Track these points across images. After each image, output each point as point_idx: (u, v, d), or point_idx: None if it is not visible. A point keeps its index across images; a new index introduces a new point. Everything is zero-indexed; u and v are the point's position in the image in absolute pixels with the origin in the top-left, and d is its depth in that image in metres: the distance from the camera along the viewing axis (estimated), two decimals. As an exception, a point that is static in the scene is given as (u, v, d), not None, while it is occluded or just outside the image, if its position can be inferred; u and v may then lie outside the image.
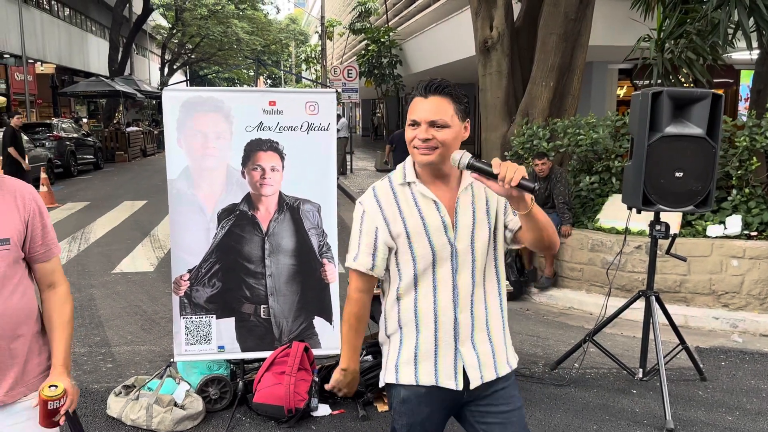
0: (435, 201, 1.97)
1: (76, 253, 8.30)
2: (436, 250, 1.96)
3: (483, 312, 2.02)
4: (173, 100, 3.67)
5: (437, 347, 1.99)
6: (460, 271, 1.98)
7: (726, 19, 6.34)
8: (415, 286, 2.00)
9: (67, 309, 2.04)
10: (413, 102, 1.96)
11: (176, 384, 3.77)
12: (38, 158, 14.98)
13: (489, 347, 2.03)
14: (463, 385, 1.99)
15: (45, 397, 1.84)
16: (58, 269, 2.05)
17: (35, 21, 24.96)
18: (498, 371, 2.03)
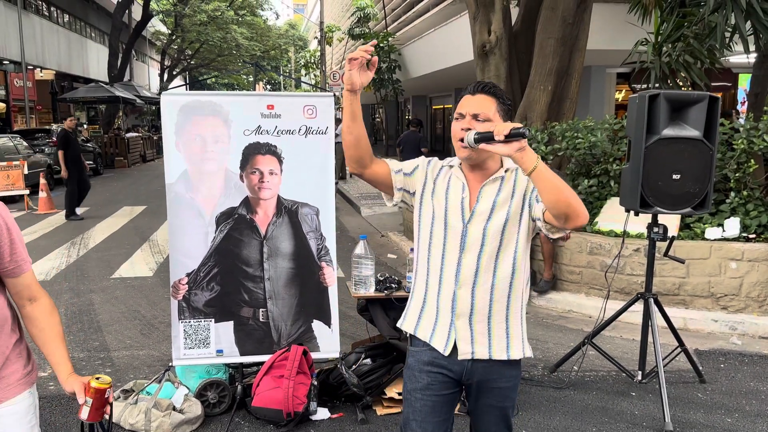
0: (463, 183, 2.17)
1: (75, 258, 8.30)
2: (448, 224, 2.15)
3: (487, 296, 2.12)
4: (172, 104, 3.68)
5: (438, 314, 2.17)
6: (467, 251, 2.12)
7: (723, 22, 6.36)
8: (428, 255, 2.18)
9: (57, 319, 2.03)
10: (462, 99, 2.16)
11: (175, 388, 3.76)
12: (37, 164, 15.01)
13: (486, 329, 2.14)
14: (450, 352, 2.15)
15: (100, 386, 1.91)
16: (34, 283, 2.00)
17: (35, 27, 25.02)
18: (492, 353, 2.14)
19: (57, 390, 4.25)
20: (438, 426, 2.20)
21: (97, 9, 34.38)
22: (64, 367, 1.97)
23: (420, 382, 2.19)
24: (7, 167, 12.99)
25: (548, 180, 1.90)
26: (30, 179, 13.54)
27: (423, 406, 2.18)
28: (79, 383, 1.94)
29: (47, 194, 12.47)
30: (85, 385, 1.93)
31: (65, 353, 2.00)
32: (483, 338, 2.13)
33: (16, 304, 1.99)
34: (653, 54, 7.27)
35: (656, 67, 7.15)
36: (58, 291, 6.75)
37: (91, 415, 1.92)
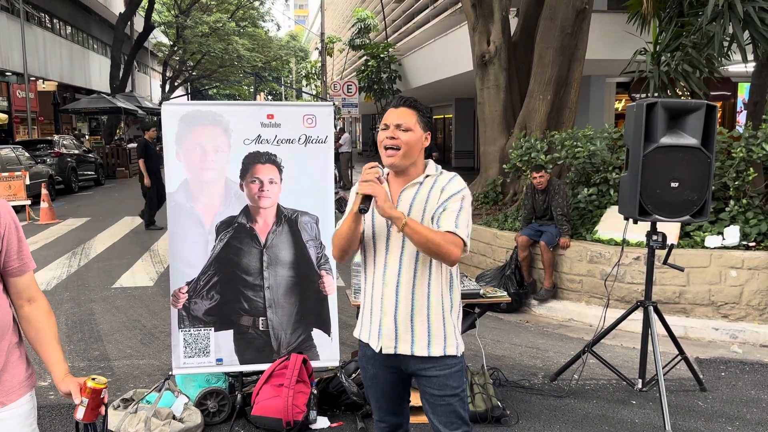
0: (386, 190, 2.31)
1: (76, 268, 8.31)
2: (375, 231, 2.36)
3: (409, 294, 2.32)
4: (172, 113, 3.70)
5: (371, 313, 2.40)
6: (390, 253, 2.34)
7: (721, 32, 6.40)
8: (364, 259, 2.43)
9: (54, 321, 2.05)
10: (387, 112, 2.37)
11: (175, 397, 3.76)
12: (39, 175, 15.04)
13: (409, 327, 2.33)
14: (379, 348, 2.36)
15: (96, 386, 1.92)
16: (34, 284, 2.04)
17: (37, 39, 25.16)
18: (414, 350, 2.33)
19: (57, 399, 4.25)
20: (393, 402, 2.50)
21: (100, 21, 34.58)
22: (60, 368, 1.98)
23: (368, 372, 2.47)
24: (9, 178, 13.03)
25: (416, 233, 2.18)
26: (32, 190, 13.57)
27: (375, 391, 2.49)
28: (75, 383, 1.95)
29: (49, 204, 12.49)
30: (80, 386, 1.94)
31: (61, 355, 2.02)
32: (406, 335, 2.33)
33: (14, 305, 2.00)
34: (652, 63, 7.31)
35: (655, 77, 7.18)
36: (59, 301, 6.75)
37: (87, 415, 1.94)
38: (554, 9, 7.97)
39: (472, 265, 7.57)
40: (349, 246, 2.33)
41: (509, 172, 7.89)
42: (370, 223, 2.36)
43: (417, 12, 23.77)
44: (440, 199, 2.29)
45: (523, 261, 6.59)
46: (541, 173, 6.46)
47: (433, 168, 2.38)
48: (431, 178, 2.35)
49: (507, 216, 7.69)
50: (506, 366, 4.78)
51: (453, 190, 2.30)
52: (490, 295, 3.91)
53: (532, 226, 6.66)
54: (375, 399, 2.52)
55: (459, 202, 2.27)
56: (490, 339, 5.52)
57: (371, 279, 2.40)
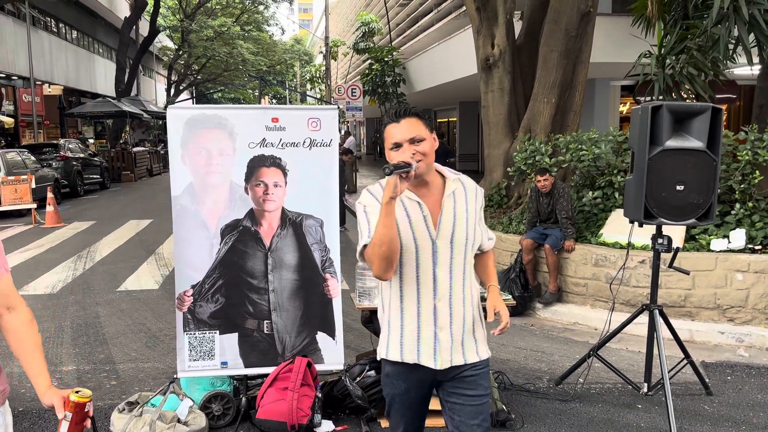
0: (419, 202, 2.26)
1: (81, 271, 8.34)
2: (418, 244, 2.24)
3: (460, 304, 2.29)
4: (177, 117, 3.72)
5: (419, 331, 2.28)
6: (440, 265, 2.26)
7: (726, 34, 6.39)
8: (401, 276, 2.28)
9: (35, 329, 1.97)
10: (388, 129, 2.27)
11: (179, 400, 3.77)
12: (45, 178, 15.10)
13: (461, 336, 2.30)
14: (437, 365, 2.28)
15: (80, 400, 1.85)
16: (11, 291, 1.95)
17: (43, 43, 25.29)
18: (466, 358, 2.31)
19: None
20: (419, 417, 2.44)
21: (105, 25, 34.74)
22: (42, 380, 1.91)
23: (398, 389, 2.35)
24: (15, 181, 13.09)
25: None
26: (37, 193, 13.63)
27: (403, 408, 2.39)
28: (59, 397, 1.87)
29: (54, 208, 12.54)
30: (64, 399, 1.86)
31: (43, 365, 1.94)
32: (459, 346, 2.29)
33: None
34: (657, 66, 7.30)
35: (660, 80, 7.17)
36: (65, 304, 6.77)
37: (71, 431, 1.86)
38: (559, 12, 7.97)
39: (477, 269, 7.55)
40: (394, 251, 2.16)
41: (514, 176, 7.88)
42: (410, 234, 2.24)
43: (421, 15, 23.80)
44: (476, 205, 2.33)
45: (528, 264, 6.57)
46: (546, 176, 6.45)
47: (447, 171, 2.35)
48: (456, 182, 2.32)
49: (511, 219, 7.68)
50: (511, 370, 4.77)
51: (481, 193, 2.37)
52: (495, 298, 3.89)
53: (536, 229, 6.65)
54: (401, 415, 2.41)
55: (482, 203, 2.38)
56: (495, 342, 5.50)
57: (413, 295, 2.27)
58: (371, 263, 2.20)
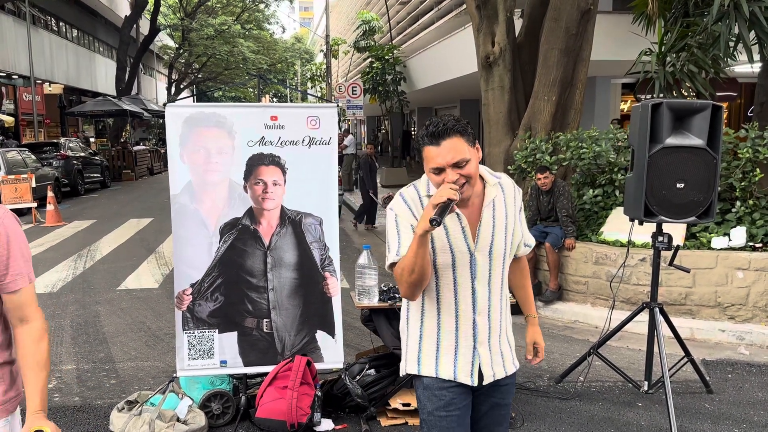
0: (457, 213, 2.08)
1: (81, 270, 8.33)
2: (456, 257, 2.11)
3: (498, 316, 2.20)
4: (176, 115, 3.71)
5: (457, 346, 2.16)
6: (479, 278, 2.14)
7: (726, 31, 6.37)
8: (437, 289, 2.15)
9: (43, 347, 1.88)
10: (427, 151, 2.04)
11: (179, 399, 3.76)
12: (45, 177, 15.10)
13: (499, 348, 2.21)
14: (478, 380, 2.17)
15: None
16: (29, 303, 1.87)
17: (44, 42, 25.28)
18: (506, 369, 2.23)
19: (62, 401, 4.26)
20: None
21: (105, 24, 34.73)
22: (31, 403, 1.83)
23: (442, 400, 2.17)
24: (15, 180, 13.09)
25: None
26: (38, 192, 13.62)
27: (450, 423, 2.18)
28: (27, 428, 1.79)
29: (55, 207, 12.54)
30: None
31: (38, 386, 1.85)
32: (499, 358, 2.21)
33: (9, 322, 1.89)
34: (657, 64, 7.28)
35: (660, 77, 7.15)
36: (65, 303, 6.77)
37: None
38: (559, 10, 7.94)
39: (477, 267, 7.54)
40: (425, 278, 2.03)
41: (514, 174, 7.86)
42: (447, 247, 2.10)
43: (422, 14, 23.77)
44: (516, 208, 2.21)
45: (528, 262, 6.56)
46: (546, 174, 6.44)
47: (487, 173, 2.18)
48: (496, 187, 2.17)
49: (512, 217, 7.66)
50: (511, 368, 4.76)
51: (520, 194, 2.25)
52: (495, 296, 3.88)
53: (536, 227, 6.64)
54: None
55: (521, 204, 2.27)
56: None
57: (451, 309, 2.14)
58: (399, 284, 2.08)
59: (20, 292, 1.85)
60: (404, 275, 2.03)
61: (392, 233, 2.13)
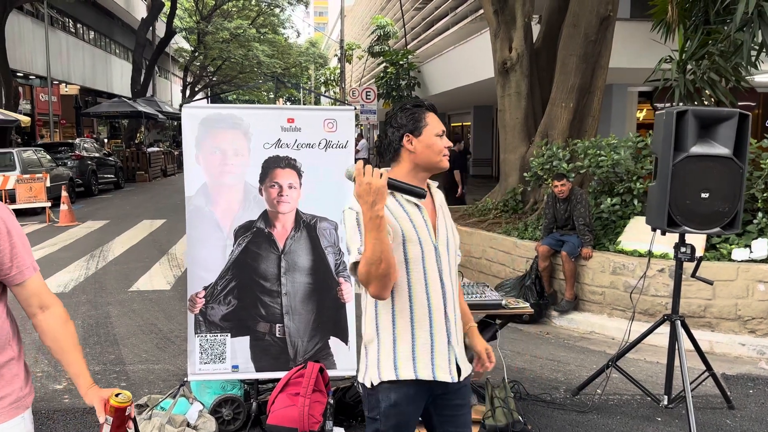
0: (418, 205, 2.14)
1: (93, 270, 8.33)
2: (424, 249, 2.11)
3: (458, 311, 2.23)
4: (192, 117, 3.67)
5: (433, 343, 2.12)
6: (444, 272, 2.15)
7: (750, 39, 6.27)
8: (409, 284, 2.11)
9: (72, 327, 1.92)
10: (430, 116, 2.19)
11: (189, 404, 3.71)
12: (60, 177, 15.18)
13: (461, 344, 2.22)
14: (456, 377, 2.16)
15: (119, 404, 1.82)
16: (43, 290, 1.90)
17: (61, 43, 25.51)
18: (469, 367, 2.24)
19: (72, 403, 4.22)
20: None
21: (122, 26, 35.00)
22: (83, 380, 1.87)
23: (408, 415, 2.14)
24: (30, 180, 13.15)
25: None
26: (52, 192, 13.69)
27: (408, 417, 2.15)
28: (99, 399, 1.84)
29: (68, 207, 12.58)
30: (104, 402, 1.84)
31: (83, 364, 1.90)
32: (462, 355, 2.20)
33: (27, 314, 1.90)
34: (678, 71, 7.18)
35: (681, 85, 7.05)
36: (76, 303, 6.75)
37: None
38: (578, 16, 7.87)
39: (491, 275, 7.46)
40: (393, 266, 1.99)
41: (530, 181, 7.78)
42: (416, 239, 2.09)
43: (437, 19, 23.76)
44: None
45: (544, 271, 6.47)
46: (563, 182, 6.35)
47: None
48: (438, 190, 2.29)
49: (527, 225, 7.58)
50: (527, 379, 4.67)
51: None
52: (513, 306, 3.81)
53: (553, 235, 6.54)
54: None
55: None
56: (510, 350, 5.41)
57: (424, 304, 2.10)
58: (367, 283, 1.98)
59: (28, 282, 1.86)
60: (372, 269, 1.95)
61: (353, 232, 2.05)
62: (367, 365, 2.16)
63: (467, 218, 8.77)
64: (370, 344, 2.15)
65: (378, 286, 1.99)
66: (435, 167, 2.18)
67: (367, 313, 2.16)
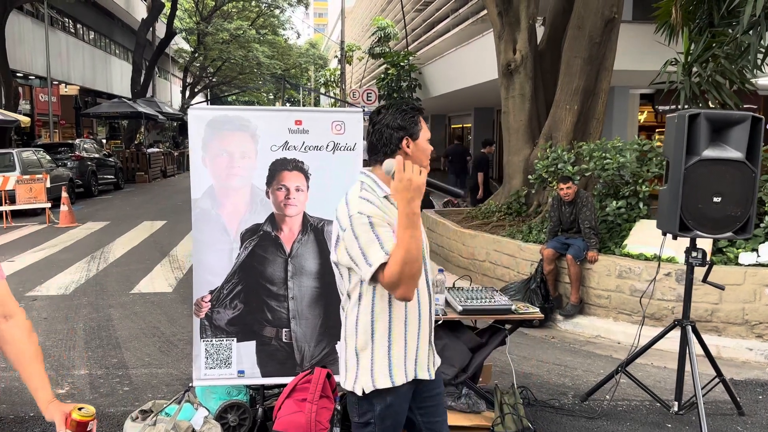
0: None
1: (94, 272, 8.27)
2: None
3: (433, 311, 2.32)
4: (199, 119, 3.62)
5: (419, 342, 2.20)
6: (429, 276, 2.27)
7: (757, 41, 6.23)
8: None
9: (36, 339, 1.89)
10: (422, 120, 2.24)
11: (194, 410, 3.65)
12: (60, 178, 15.12)
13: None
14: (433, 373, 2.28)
15: (82, 419, 1.76)
16: (8, 299, 1.87)
17: (61, 44, 25.45)
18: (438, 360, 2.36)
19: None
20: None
21: (122, 26, 34.94)
22: (43, 393, 1.82)
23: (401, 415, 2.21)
24: (30, 180, 13.09)
25: None
26: (52, 192, 13.63)
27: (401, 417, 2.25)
28: (60, 413, 1.78)
29: (69, 208, 12.52)
30: (66, 415, 1.78)
31: (44, 377, 1.85)
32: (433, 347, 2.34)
33: None
34: (683, 74, 7.14)
35: (686, 87, 7.01)
36: (77, 305, 6.70)
37: None
38: (582, 18, 7.83)
39: (495, 278, 7.41)
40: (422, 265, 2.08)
41: (534, 183, 7.73)
42: None
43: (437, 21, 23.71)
44: None
45: (549, 274, 6.42)
46: (569, 185, 6.30)
47: None
48: None
49: (531, 228, 7.53)
50: (534, 384, 4.62)
51: None
52: (522, 311, 3.76)
53: (558, 238, 6.50)
54: None
55: None
56: (516, 355, 5.36)
57: (416, 309, 2.18)
58: (398, 284, 1.97)
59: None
60: (406, 269, 1.94)
61: (368, 237, 2.04)
62: (357, 373, 2.17)
63: (470, 221, 8.72)
64: (363, 351, 2.16)
65: (410, 286, 1.99)
66: None
67: (361, 321, 2.15)
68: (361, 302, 2.14)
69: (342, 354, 2.25)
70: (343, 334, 2.23)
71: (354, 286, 2.16)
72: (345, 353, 2.22)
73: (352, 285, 2.17)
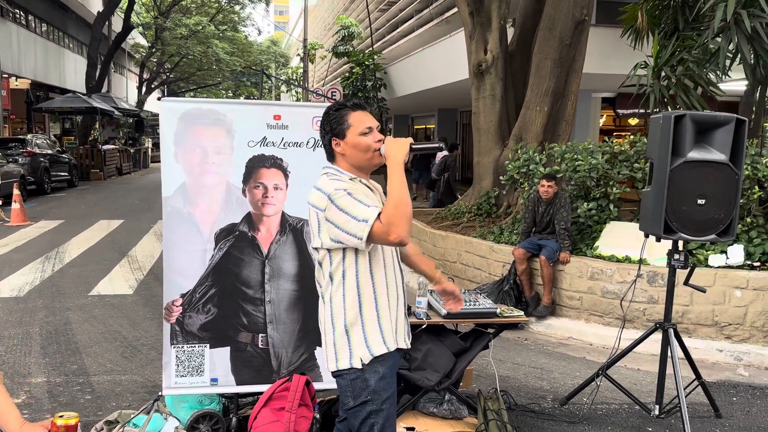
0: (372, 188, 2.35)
1: (50, 273, 7.89)
2: None
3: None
4: (171, 111, 3.41)
5: (398, 312, 2.34)
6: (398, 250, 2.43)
7: (726, 46, 6.31)
8: (384, 264, 2.29)
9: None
10: (358, 114, 2.28)
11: (164, 420, 3.45)
12: (11, 174, 14.50)
13: None
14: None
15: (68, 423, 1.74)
16: None
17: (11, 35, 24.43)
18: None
19: (32, 418, 3.89)
20: None
21: (76, 19, 33.80)
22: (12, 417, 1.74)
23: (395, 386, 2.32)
24: (-21, 177, 12.49)
25: None
26: (2, 190, 13.05)
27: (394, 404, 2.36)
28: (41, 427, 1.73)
29: (20, 205, 11.98)
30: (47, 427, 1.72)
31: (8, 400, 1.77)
32: None
33: None
34: (652, 77, 7.21)
35: (656, 91, 7.08)
36: (33, 309, 6.35)
37: None
38: (553, 19, 7.84)
39: (467, 279, 7.35)
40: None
41: (505, 184, 7.70)
42: None
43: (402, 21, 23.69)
44: None
45: (523, 275, 6.37)
46: (551, 183, 6.26)
47: None
48: None
49: (503, 229, 7.50)
50: (512, 388, 4.55)
51: None
52: (507, 314, 3.68)
53: (530, 239, 6.46)
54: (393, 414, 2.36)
55: None
56: (492, 358, 5.28)
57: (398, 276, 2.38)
58: (395, 226, 2.06)
59: None
60: (400, 210, 2.06)
61: (351, 203, 2.13)
62: (351, 349, 2.25)
63: (440, 221, 8.65)
64: (354, 326, 2.25)
65: (405, 226, 2.08)
66: (368, 165, 2.31)
67: (348, 298, 2.25)
68: (345, 279, 2.24)
69: (329, 339, 2.30)
70: (329, 318, 2.28)
71: (336, 265, 2.24)
72: (333, 336, 2.27)
73: (334, 266, 2.25)
